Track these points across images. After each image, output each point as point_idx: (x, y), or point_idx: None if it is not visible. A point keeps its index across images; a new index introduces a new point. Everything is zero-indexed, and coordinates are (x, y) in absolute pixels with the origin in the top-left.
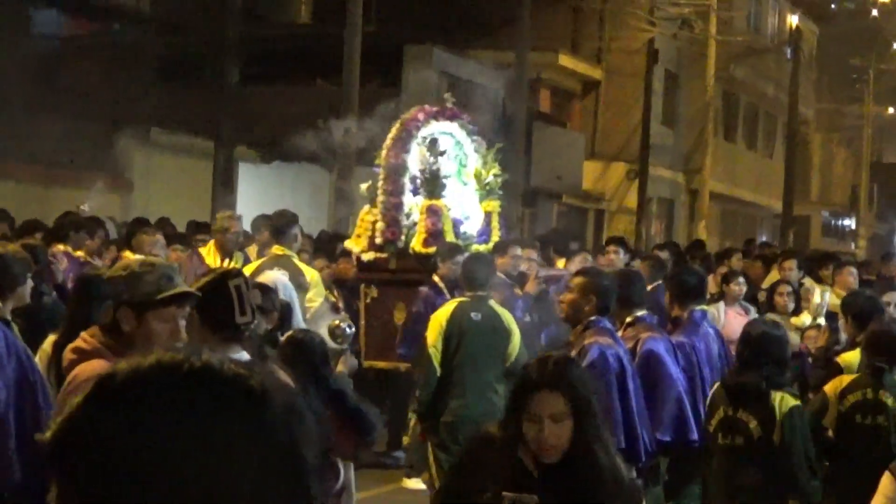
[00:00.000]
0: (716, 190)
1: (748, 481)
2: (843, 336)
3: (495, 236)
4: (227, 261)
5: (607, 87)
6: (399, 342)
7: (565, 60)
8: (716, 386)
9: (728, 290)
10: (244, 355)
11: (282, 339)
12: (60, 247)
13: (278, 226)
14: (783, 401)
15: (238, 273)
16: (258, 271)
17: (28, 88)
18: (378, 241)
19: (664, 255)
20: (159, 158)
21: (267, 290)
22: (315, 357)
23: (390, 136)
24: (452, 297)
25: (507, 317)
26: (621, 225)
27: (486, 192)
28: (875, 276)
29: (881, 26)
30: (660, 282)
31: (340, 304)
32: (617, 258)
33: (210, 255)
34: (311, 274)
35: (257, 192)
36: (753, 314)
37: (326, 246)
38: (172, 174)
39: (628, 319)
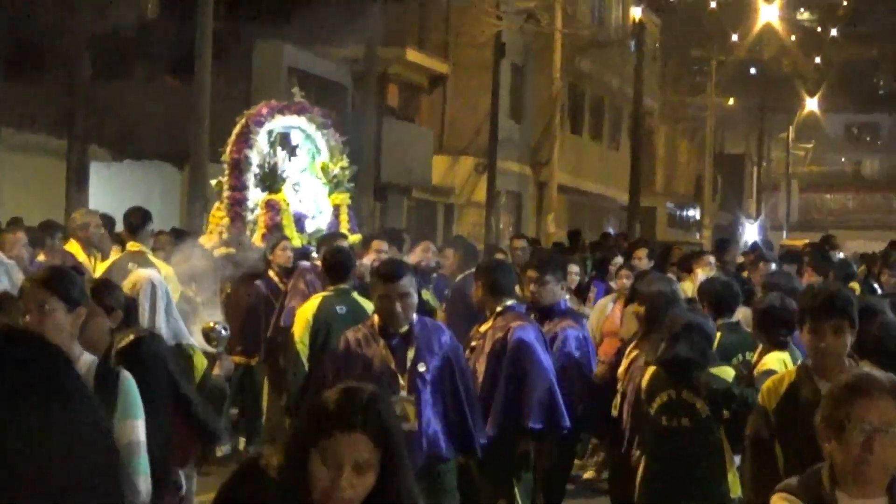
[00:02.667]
0: (563, 182)
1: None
2: None
3: (343, 228)
4: (91, 258)
5: (454, 82)
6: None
7: (412, 55)
8: (651, 369)
9: (620, 283)
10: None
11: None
12: None
13: (133, 223)
14: (725, 375)
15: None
16: (113, 267)
17: None
18: (224, 236)
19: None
20: (9, 157)
21: (109, 287)
22: (158, 359)
23: (235, 131)
24: (284, 284)
25: (370, 308)
26: (471, 218)
27: (333, 185)
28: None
29: (721, 18)
30: None
31: (199, 300)
32: (644, 262)
33: (77, 252)
34: (166, 269)
35: (109, 190)
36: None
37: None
38: (23, 174)
39: (498, 309)
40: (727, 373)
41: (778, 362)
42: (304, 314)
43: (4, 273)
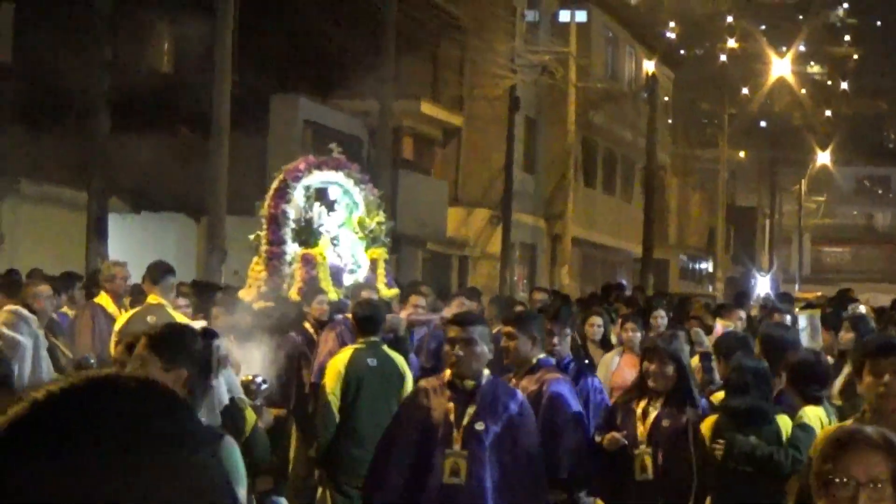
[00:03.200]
0: (576, 235)
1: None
2: (717, 376)
3: (380, 282)
4: (121, 310)
5: (468, 134)
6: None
7: (427, 108)
8: (712, 417)
9: (627, 337)
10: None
11: None
12: None
13: (155, 275)
14: (784, 421)
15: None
16: (133, 319)
17: None
18: (262, 290)
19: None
20: (28, 209)
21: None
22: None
23: (272, 186)
24: (318, 336)
25: (400, 361)
26: (485, 270)
27: (370, 239)
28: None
29: (732, 72)
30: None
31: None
32: (662, 322)
33: (108, 305)
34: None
35: (127, 242)
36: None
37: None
38: (42, 226)
39: (533, 361)
40: (786, 422)
41: (815, 418)
42: (336, 366)
43: (26, 325)
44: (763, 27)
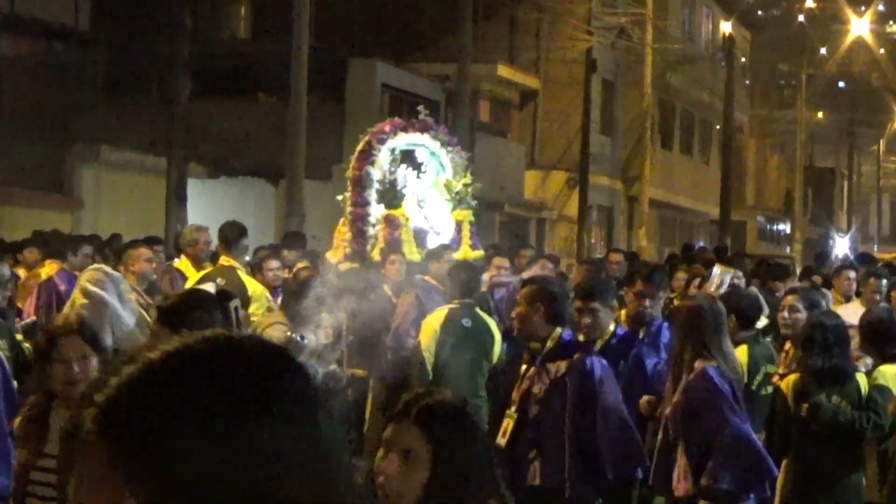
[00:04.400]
0: (654, 197)
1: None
2: None
3: (465, 245)
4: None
5: (545, 97)
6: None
7: (503, 71)
8: (794, 376)
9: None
10: None
11: None
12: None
13: (228, 237)
14: (861, 380)
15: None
16: (203, 281)
17: None
18: (347, 251)
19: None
20: (108, 176)
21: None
22: None
23: (357, 148)
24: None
25: (491, 323)
26: (563, 233)
27: (456, 201)
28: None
29: (810, 32)
30: None
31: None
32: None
33: (187, 269)
34: (254, 287)
35: (205, 207)
36: None
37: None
38: (121, 191)
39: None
40: (863, 380)
41: (891, 377)
42: (432, 325)
43: (111, 283)
44: None
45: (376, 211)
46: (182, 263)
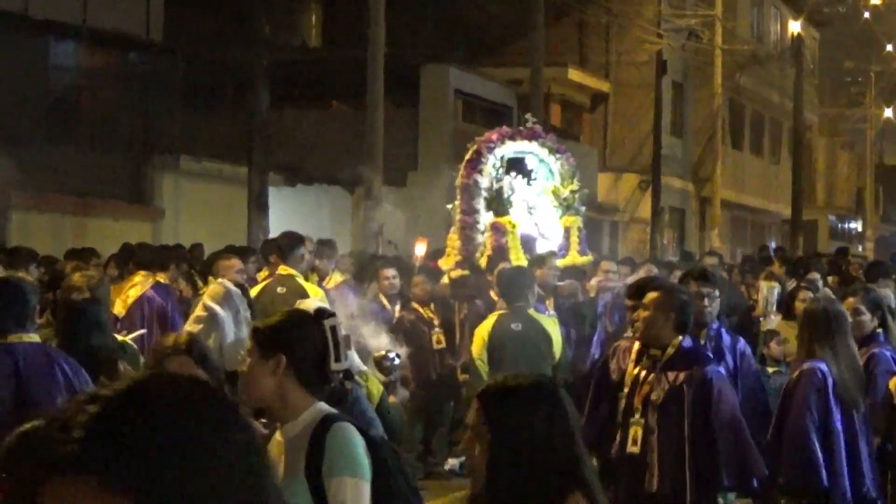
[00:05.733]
0: (725, 197)
1: None
2: None
3: (573, 250)
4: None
5: (616, 100)
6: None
7: (574, 75)
8: None
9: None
10: (325, 407)
11: None
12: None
13: (283, 246)
14: None
15: (332, 313)
16: (264, 290)
17: (50, 121)
18: (457, 258)
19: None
20: (188, 185)
21: None
22: None
23: (466, 157)
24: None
25: (546, 322)
26: (636, 235)
27: (564, 207)
28: None
29: (878, 29)
30: None
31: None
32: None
33: None
34: (316, 292)
35: (283, 215)
36: None
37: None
38: (201, 200)
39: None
40: None
41: None
42: (481, 332)
43: (230, 299)
44: None
45: (485, 218)
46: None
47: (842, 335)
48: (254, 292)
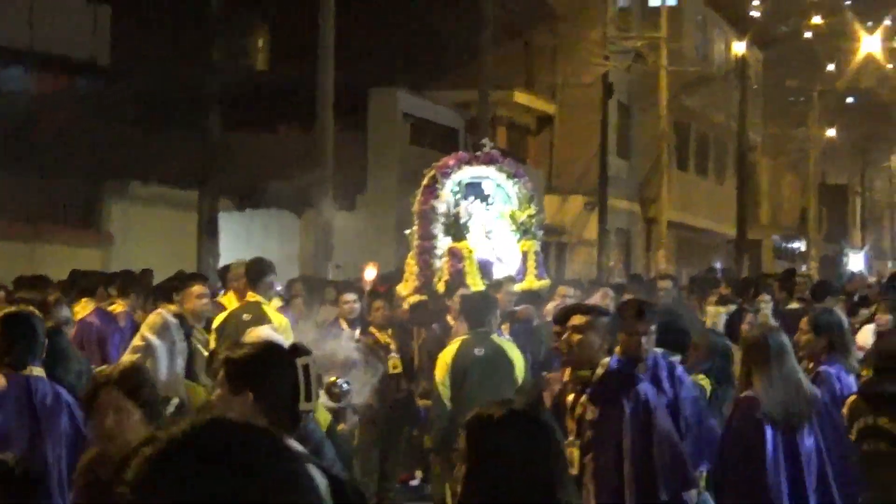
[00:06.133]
0: (671, 218)
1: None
2: None
3: (531, 275)
4: None
5: (561, 122)
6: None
7: (520, 97)
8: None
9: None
10: (296, 445)
11: None
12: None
13: (251, 274)
14: None
15: (307, 350)
16: (230, 318)
17: (1, 146)
18: (415, 284)
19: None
20: (138, 211)
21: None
22: None
23: (423, 183)
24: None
25: (509, 348)
26: (582, 257)
27: (521, 232)
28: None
29: (820, 50)
30: None
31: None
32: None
33: (230, 304)
34: (280, 321)
35: (234, 240)
36: None
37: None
38: (152, 226)
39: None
40: None
41: None
42: (444, 358)
43: (167, 331)
44: (848, 1)
45: (443, 243)
46: (226, 298)
47: (780, 362)
48: (219, 319)
